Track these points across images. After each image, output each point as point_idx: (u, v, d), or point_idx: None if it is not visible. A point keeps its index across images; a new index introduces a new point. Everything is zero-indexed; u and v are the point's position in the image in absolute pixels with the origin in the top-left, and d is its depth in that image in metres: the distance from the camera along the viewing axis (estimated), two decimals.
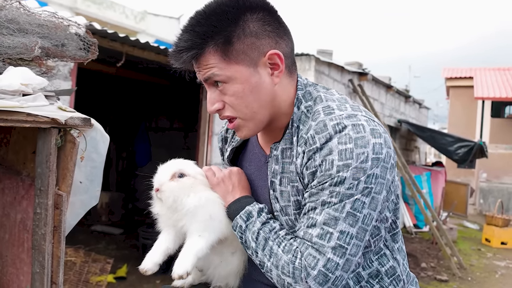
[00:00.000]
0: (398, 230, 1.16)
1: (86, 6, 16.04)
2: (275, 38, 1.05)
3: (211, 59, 1.02)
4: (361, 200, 0.97)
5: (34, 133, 1.39)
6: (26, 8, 1.44)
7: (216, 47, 1.01)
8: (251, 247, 1.08)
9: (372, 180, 0.97)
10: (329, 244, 0.97)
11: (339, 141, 0.97)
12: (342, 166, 0.95)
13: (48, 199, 1.30)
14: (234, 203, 1.13)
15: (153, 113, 8.19)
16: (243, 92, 1.04)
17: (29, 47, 1.32)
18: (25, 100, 1.23)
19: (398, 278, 1.12)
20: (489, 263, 7.09)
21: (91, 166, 1.36)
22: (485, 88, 13.62)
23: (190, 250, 1.09)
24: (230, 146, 1.30)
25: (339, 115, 1.01)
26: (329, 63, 6.46)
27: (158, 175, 1.16)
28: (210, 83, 1.07)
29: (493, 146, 12.93)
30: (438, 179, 10.24)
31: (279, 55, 1.04)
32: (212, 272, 1.23)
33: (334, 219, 0.97)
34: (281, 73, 1.06)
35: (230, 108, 1.06)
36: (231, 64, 1.02)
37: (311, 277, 0.97)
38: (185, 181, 1.14)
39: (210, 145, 5.00)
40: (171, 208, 1.12)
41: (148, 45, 3.83)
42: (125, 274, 4.81)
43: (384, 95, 9.09)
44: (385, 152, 0.99)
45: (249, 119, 1.07)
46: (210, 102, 1.08)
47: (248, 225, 1.08)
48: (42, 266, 1.32)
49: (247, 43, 1.02)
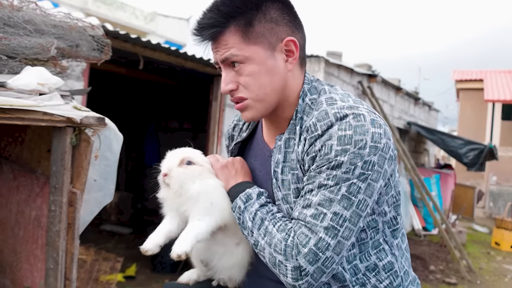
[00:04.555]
0: (399, 227, 1.17)
1: (96, 7, 16.17)
2: (292, 28, 1.11)
3: (231, 38, 1.07)
4: (357, 184, 0.99)
5: (49, 132, 1.41)
6: (42, 9, 1.47)
7: (237, 27, 1.06)
8: (247, 227, 1.10)
9: (369, 167, 0.99)
10: (321, 224, 0.99)
11: (339, 127, 1.01)
12: (340, 151, 0.99)
13: (63, 196, 1.32)
14: (236, 186, 1.16)
15: (162, 114, 8.23)
16: (259, 73, 1.08)
17: (45, 48, 1.35)
18: (41, 99, 1.25)
19: (395, 273, 1.13)
20: (499, 267, 7.03)
21: (105, 165, 1.39)
22: (495, 90, 13.51)
23: (190, 232, 1.12)
24: (235, 141, 1.34)
25: (341, 105, 1.05)
26: (338, 65, 6.45)
27: (166, 161, 1.19)
28: (226, 64, 1.11)
29: (503, 149, 12.82)
30: (448, 182, 10.17)
31: (295, 43, 1.10)
32: (216, 263, 1.24)
33: (329, 200, 0.99)
34: (295, 61, 1.12)
35: (243, 89, 1.11)
36: (250, 45, 1.07)
37: (302, 255, 0.99)
38: (193, 169, 1.17)
39: (220, 146, 5.02)
40: (177, 193, 1.15)
41: (159, 46, 3.86)
42: (134, 274, 4.84)
43: (394, 97, 9.05)
44: (384, 142, 1.02)
45: (259, 101, 1.11)
46: (225, 82, 1.12)
47: (246, 206, 1.11)
48: (56, 262, 1.34)
49: (267, 27, 1.08)
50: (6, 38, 1.32)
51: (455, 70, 16.95)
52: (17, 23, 1.36)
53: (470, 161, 8.84)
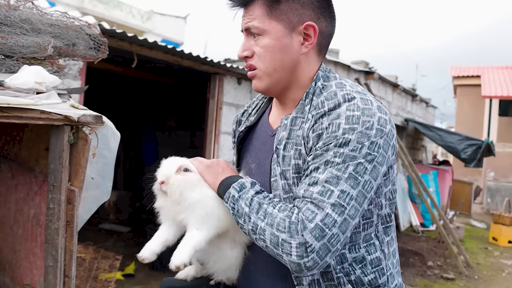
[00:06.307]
0: (391, 224, 1.18)
1: (93, 6, 16.14)
2: (318, 14, 1.14)
3: (257, 10, 1.14)
4: (363, 165, 1.00)
5: (46, 131, 1.42)
6: (39, 8, 1.47)
7: (265, 1, 1.13)
8: (243, 214, 1.07)
9: (375, 148, 1.01)
10: (329, 201, 0.99)
11: (348, 108, 1.03)
12: (348, 129, 1.01)
13: (61, 194, 1.33)
14: (227, 178, 1.15)
15: (160, 112, 8.23)
16: (273, 47, 1.13)
17: (42, 46, 1.36)
18: (39, 98, 1.26)
19: (381, 270, 1.13)
20: (496, 262, 7.06)
21: (102, 163, 1.40)
22: (492, 86, 13.54)
23: (188, 242, 1.13)
24: (243, 126, 1.35)
25: (350, 90, 1.09)
26: (335, 62, 6.46)
27: (162, 169, 1.19)
28: (248, 33, 1.17)
29: (500, 145, 12.86)
30: (445, 178, 10.20)
31: (314, 28, 1.13)
32: (212, 266, 1.26)
33: (336, 178, 1.00)
34: (311, 46, 1.15)
35: (256, 58, 1.16)
36: (271, 20, 1.13)
37: (308, 230, 0.98)
38: (192, 176, 1.17)
39: (217, 144, 5.03)
40: (176, 201, 1.15)
41: (156, 45, 3.87)
42: (133, 272, 4.85)
43: (391, 94, 9.07)
44: (389, 128, 1.05)
45: (267, 74, 1.16)
46: (242, 48, 1.18)
47: (241, 195, 1.09)
48: (55, 259, 1.35)
49: (292, 7, 1.12)
50: (3, 37, 1.33)
51: (452, 66, 16.98)
52: (14, 22, 1.36)
53: (468, 156, 8.86)
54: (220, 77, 5.01)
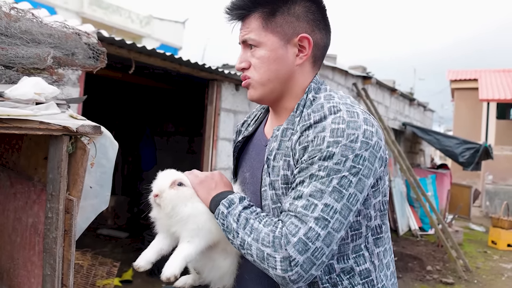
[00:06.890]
0: (382, 236, 1.17)
1: (92, 11, 16.16)
2: (312, 26, 1.17)
3: (253, 23, 1.17)
4: (348, 178, 1.01)
5: (45, 140, 1.43)
6: (39, 19, 1.49)
7: (261, 14, 1.16)
8: (232, 229, 1.10)
9: (360, 161, 1.02)
10: (312, 214, 1.00)
11: (333, 121, 1.04)
12: (332, 142, 1.02)
13: (59, 203, 1.34)
14: (217, 195, 1.17)
15: (158, 118, 8.25)
16: (268, 58, 1.16)
17: (42, 57, 1.37)
18: (38, 108, 1.27)
19: (371, 282, 1.13)
20: (496, 266, 7.06)
21: (101, 172, 1.40)
22: (490, 90, 13.59)
23: (179, 255, 1.16)
24: (241, 136, 1.38)
25: (337, 102, 1.10)
26: (333, 68, 6.49)
27: (157, 182, 1.22)
28: (246, 45, 1.20)
29: (498, 148, 12.88)
30: (444, 182, 10.22)
31: (309, 40, 1.16)
32: (207, 275, 1.30)
33: (320, 191, 1.00)
34: (305, 57, 1.17)
35: (252, 69, 1.19)
36: (267, 32, 1.16)
37: (291, 244, 0.99)
38: (185, 191, 1.20)
39: (215, 149, 5.04)
40: (168, 214, 1.19)
41: (154, 52, 3.89)
42: (131, 278, 4.85)
43: (389, 98, 9.10)
44: (375, 140, 1.05)
45: (261, 84, 1.19)
46: (240, 60, 1.22)
47: (230, 211, 1.11)
48: (53, 268, 1.36)
49: (287, 20, 1.15)
50: (4, 48, 1.34)
51: (449, 70, 17.05)
52: (14, 34, 1.38)
53: (466, 160, 8.88)
54: (218, 83, 5.03)
